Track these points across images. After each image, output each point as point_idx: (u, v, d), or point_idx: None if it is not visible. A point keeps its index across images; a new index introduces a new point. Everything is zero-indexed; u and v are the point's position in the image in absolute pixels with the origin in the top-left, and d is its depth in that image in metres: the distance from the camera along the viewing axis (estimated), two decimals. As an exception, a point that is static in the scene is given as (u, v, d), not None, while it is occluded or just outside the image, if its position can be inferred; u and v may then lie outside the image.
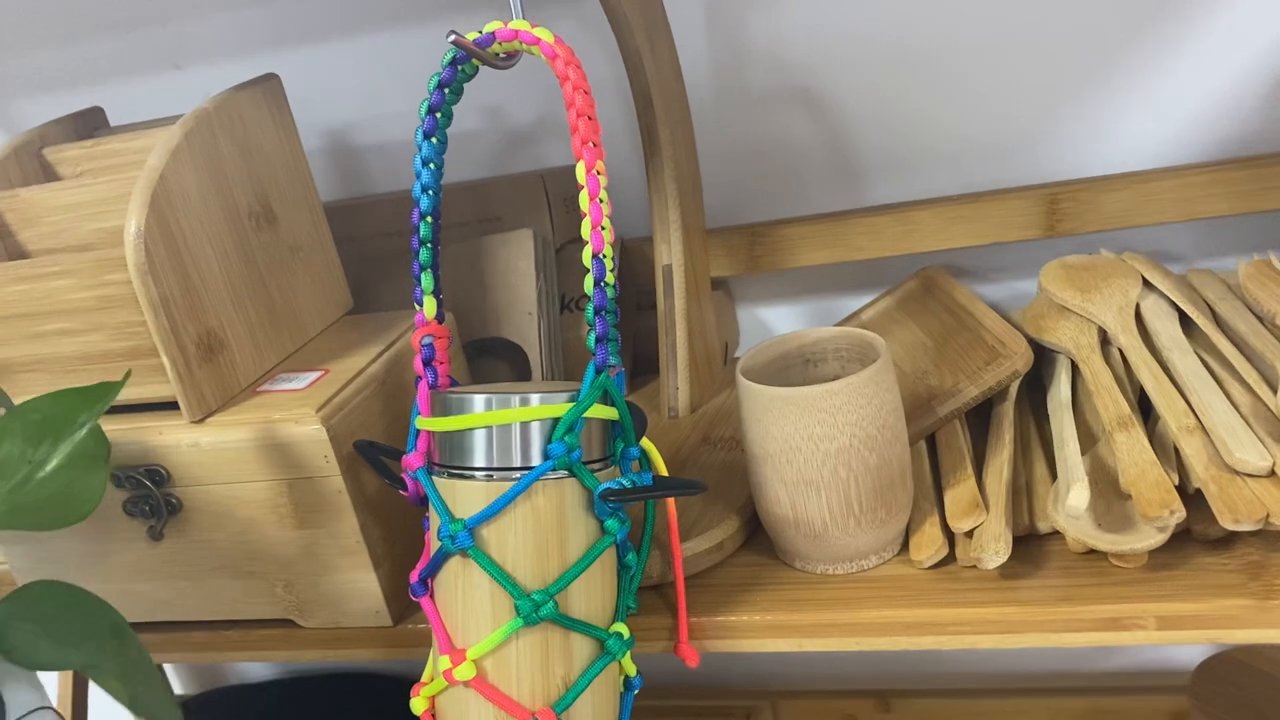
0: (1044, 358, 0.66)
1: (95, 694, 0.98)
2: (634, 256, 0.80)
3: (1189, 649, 0.83)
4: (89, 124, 0.68)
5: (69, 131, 0.67)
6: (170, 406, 0.57)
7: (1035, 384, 0.65)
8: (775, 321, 0.85)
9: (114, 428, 0.57)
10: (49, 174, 0.64)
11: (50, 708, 0.45)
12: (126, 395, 0.56)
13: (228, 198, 0.60)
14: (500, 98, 0.80)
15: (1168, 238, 0.74)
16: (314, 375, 0.60)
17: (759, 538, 0.59)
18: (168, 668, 1.08)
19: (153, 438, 0.56)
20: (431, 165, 0.53)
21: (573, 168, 0.81)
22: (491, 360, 0.72)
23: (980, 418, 0.63)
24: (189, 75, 0.85)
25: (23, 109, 0.91)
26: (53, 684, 0.71)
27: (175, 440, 0.56)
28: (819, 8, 0.73)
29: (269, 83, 0.64)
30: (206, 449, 0.56)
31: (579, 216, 0.83)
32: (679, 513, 0.56)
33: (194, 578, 0.60)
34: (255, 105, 0.62)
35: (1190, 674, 0.80)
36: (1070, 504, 0.49)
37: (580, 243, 0.82)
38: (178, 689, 1.08)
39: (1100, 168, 0.73)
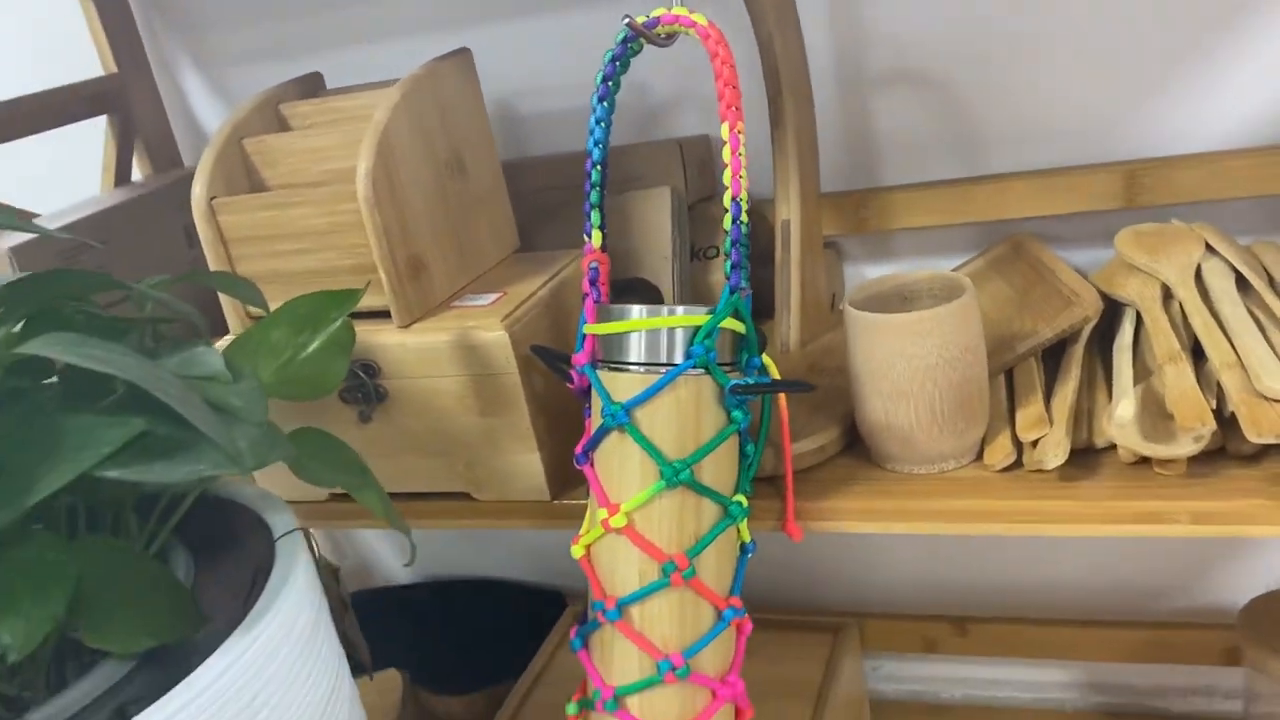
0: (1114, 314, 0.75)
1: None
2: (754, 216, 0.91)
3: (1237, 590, 0.91)
4: (310, 86, 0.83)
5: (294, 92, 0.81)
6: (382, 314, 0.71)
7: (1106, 341, 0.75)
8: (878, 280, 0.96)
9: (337, 329, 0.71)
10: (282, 125, 0.79)
11: (303, 528, 0.59)
12: (348, 303, 0.70)
13: (431, 149, 0.73)
14: (642, 75, 0.92)
15: (1242, 213, 0.82)
16: (494, 295, 0.73)
17: (854, 448, 0.70)
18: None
19: (369, 338, 0.70)
20: (603, 124, 0.65)
21: (704, 136, 0.94)
22: (631, 298, 0.84)
23: (1055, 361, 0.73)
24: (378, 49, 0.99)
25: (235, 76, 1.06)
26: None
27: (386, 341, 0.70)
28: (929, -1, 0.84)
29: (463, 55, 0.77)
30: (411, 349, 0.70)
31: (708, 179, 0.95)
32: (789, 421, 0.68)
33: (393, 455, 0.73)
34: (452, 73, 0.76)
35: (1237, 612, 0.88)
36: (1119, 414, 0.59)
37: (708, 201, 0.95)
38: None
39: (1178, 147, 0.81)
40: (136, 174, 1.06)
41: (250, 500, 0.63)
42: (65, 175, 1.03)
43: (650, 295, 0.84)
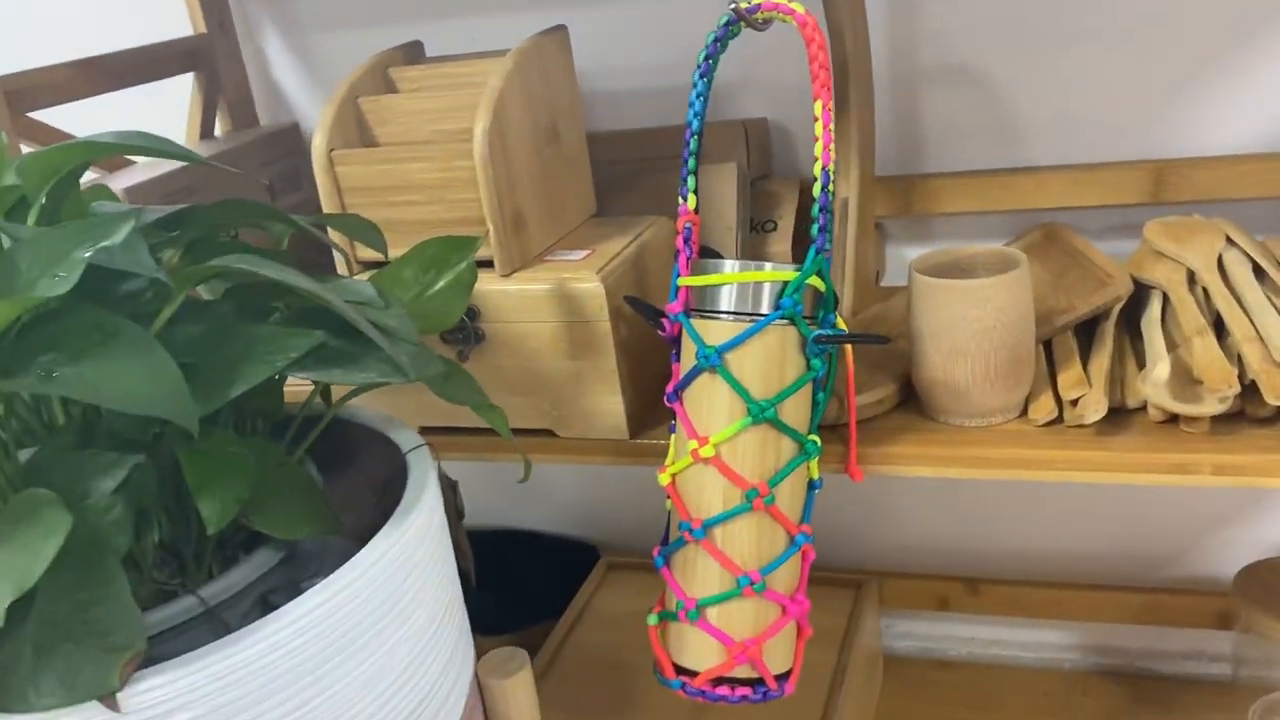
0: (1138, 298, 0.83)
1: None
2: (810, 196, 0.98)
3: (1229, 560, 1.00)
4: (413, 53, 0.89)
5: (400, 58, 0.88)
6: (484, 264, 0.77)
7: (1131, 322, 0.82)
8: (915, 261, 1.03)
9: (442, 275, 0.77)
10: (389, 87, 0.85)
11: (428, 444, 0.66)
12: (454, 252, 0.77)
13: (533, 116, 0.80)
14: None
15: (1259, 213, 0.90)
16: (584, 252, 0.80)
17: (908, 404, 0.78)
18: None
19: (472, 284, 0.77)
20: (702, 98, 0.72)
21: (763, 119, 1.01)
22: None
23: (1085, 337, 0.81)
24: (463, 24, 1.06)
25: (310, 43, 1.13)
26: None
27: (488, 288, 0.77)
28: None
29: (561, 31, 0.84)
30: (511, 295, 0.77)
31: (765, 158, 1.03)
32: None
33: (485, 392, 0.80)
34: (552, 47, 0.83)
35: (1232, 578, 0.96)
36: (1155, 374, 0.67)
37: (765, 179, 1.02)
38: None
39: (1202, 149, 0.90)
40: (217, 130, 1.13)
41: (373, 422, 0.70)
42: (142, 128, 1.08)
43: (715, 262, 0.91)
